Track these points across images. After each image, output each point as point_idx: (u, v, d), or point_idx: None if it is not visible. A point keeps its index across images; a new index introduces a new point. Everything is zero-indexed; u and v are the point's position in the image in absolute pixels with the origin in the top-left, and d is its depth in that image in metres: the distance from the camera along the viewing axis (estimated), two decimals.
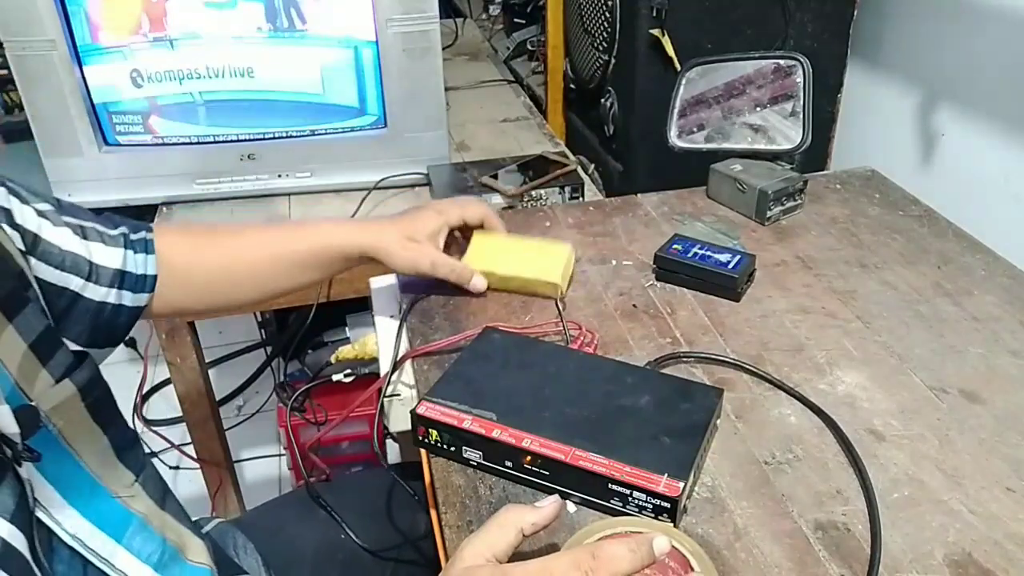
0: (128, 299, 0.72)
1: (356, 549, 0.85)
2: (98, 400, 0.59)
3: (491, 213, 0.85)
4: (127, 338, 0.76)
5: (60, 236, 0.65)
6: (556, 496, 0.50)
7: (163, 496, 0.65)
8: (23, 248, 0.61)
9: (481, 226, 0.85)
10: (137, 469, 0.62)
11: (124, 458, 0.61)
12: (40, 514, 0.52)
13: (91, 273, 0.68)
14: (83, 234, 0.68)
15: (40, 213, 0.64)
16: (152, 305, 0.76)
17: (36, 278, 0.62)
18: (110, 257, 0.71)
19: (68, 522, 0.54)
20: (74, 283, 0.66)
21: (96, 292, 0.69)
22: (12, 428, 0.49)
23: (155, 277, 0.75)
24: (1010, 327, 0.78)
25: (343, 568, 0.84)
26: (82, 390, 0.57)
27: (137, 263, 0.74)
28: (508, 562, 0.47)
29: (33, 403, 0.53)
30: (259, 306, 0.88)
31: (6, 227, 0.59)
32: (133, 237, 0.74)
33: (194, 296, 0.80)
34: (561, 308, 0.80)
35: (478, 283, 0.82)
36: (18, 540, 0.48)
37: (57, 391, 0.55)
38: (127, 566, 0.59)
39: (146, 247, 0.75)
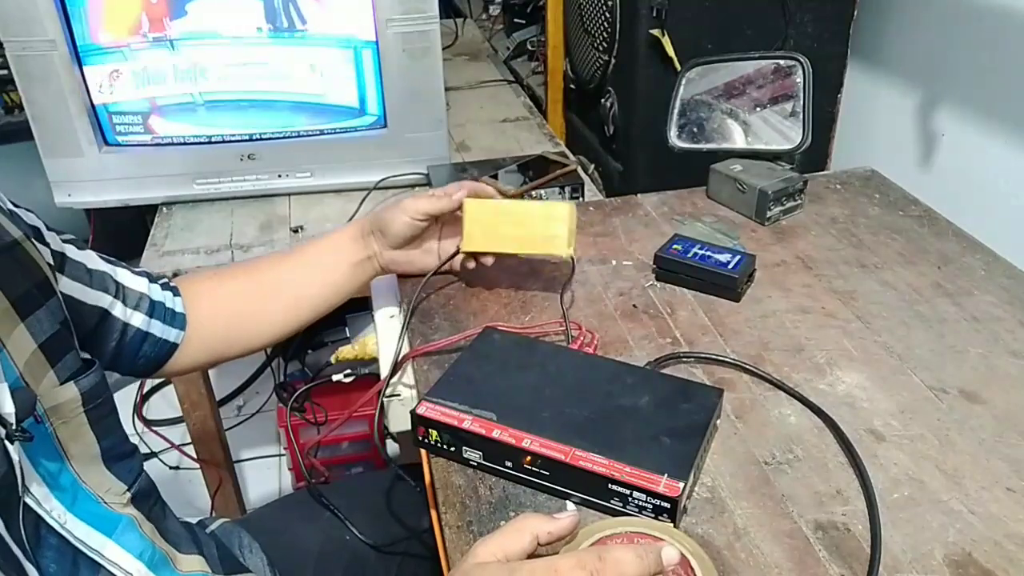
0: (157, 329, 0.75)
1: (360, 549, 0.85)
2: (99, 409, 0.60)
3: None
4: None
5: (85, 257, 0.69)
6: (575, 509, 0.50)
7: (149, 511, 0.65)
8: (51, 263, 0.63)
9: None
10: (130, 481, 0.63)
11: (114, 470, 0.62)
12: (28, 500, 0.53)
13: (118, 291, 0.71)
14: (107, 260, 0.72)
15: (64, 240, 0.67)
16: (173, 358, 0.78)
17: (65, 295, 0.63)
18: (135, 282, 0.74)
19: (55, 512, 0.55)
20: (104, 300, 0.69)
21: (123, 312, 0.72)
22: (8, 407, 0.50)
23: (184, 316, 0.77)
24: (1010, 327, 0.78)
25: (347, 568, 0.85)
26: (85, 396, 0.58)
27: (165, 297, 0.76)
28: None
29: (36, 395, 0.54)
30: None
31: (35, 242, 0.61)
32: (155, 276, 0.77)
33: (213, 348, 0.81)
34: (571, 272, 0.80)
35: (459, 195, 0.80)
36: None
37: (60, 392, 0.57)
38: (119, 558, 0.59)
39: (171, 289, 0.78)
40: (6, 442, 0.50)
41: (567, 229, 0.78)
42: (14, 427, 0.50)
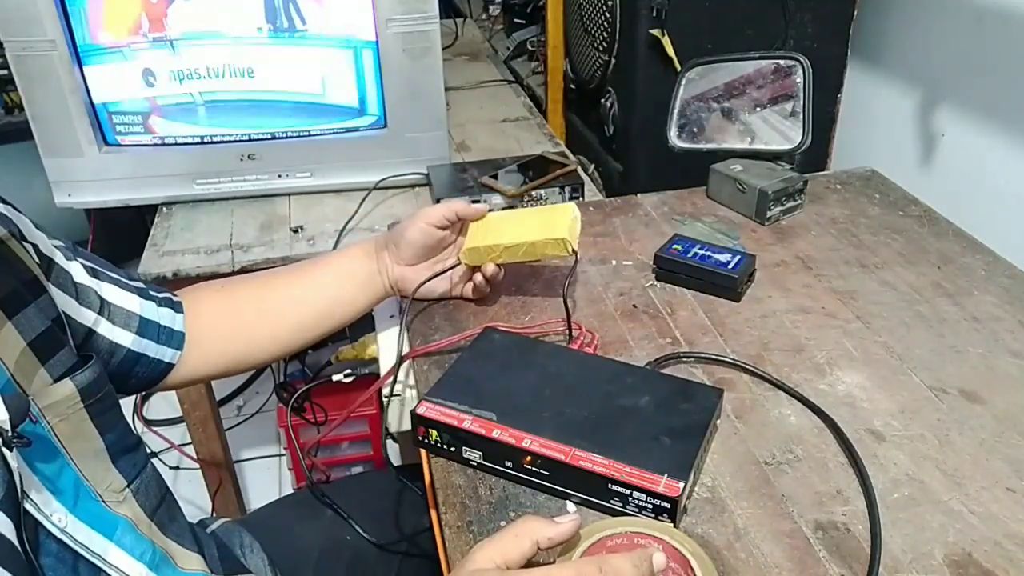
0: (151, 350, 0.73)
1: (361, 549, 0.85)
2: (100, 403, 0.59)
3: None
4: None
5: (71, 268, 0.66)
6: (575, 511, 0.50)
7: (156, 507, 0.64)
8: (38, 261, 0.61)
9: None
10: (131, 476, 0.62)
11: (119, 464, 0.61)
12: (28, 506, 0.52)
13: (103, 308, 0.68)
14: (94, 273, 0.69)
15: (53, 245, 0.65)
16: (170, 376, 0.76)
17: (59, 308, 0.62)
18: (125, 299, 0.71)
19: (56, 516, 0.54)
20: (88, 317, 0.67)
21: (109, 330, 0.69)
22: (1, 415, 0.50)
23: (183, 334, 0.76)
24: (1010, 327, 0.78)
25: (348, 568, 0.85)
26: (83, 391, 0.57)
27: (161, 316, 0.74)
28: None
29: (29, 396, 0.53)
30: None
31: (19, 241, 0.60)
32: (153, 293, 0.75)
33: (215, 363, 0.80)
34: (573, 268, 0.78)
35: (482, 207, 0.81)
36: (5, 526, 0.49)
37: (54, 390, 0.56)
38: (120, 562, 0.58)
39: (172, 305, 0.76)
40: (4, 450, 0.50)
41: (567, 221, 0.77)
42: (10, 433, 0.49)
